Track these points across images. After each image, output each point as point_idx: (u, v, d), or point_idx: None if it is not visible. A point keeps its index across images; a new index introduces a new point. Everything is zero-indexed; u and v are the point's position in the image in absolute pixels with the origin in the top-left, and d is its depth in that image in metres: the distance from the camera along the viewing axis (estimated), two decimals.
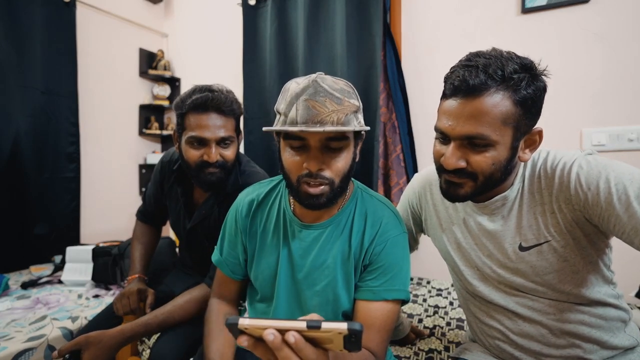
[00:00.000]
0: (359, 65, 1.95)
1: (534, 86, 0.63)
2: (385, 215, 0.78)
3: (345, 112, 0.66)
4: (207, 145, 0.99)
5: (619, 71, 1.49)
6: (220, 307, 0.88)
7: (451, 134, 0.66)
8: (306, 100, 0.64)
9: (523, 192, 0.72)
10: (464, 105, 0.63)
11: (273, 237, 0.83)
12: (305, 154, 0.67)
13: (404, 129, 1.88)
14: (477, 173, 0.66)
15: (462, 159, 0.66)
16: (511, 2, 1.68)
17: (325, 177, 0.68)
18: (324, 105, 0.64)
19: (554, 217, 0.68)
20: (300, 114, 0.64)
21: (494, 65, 0.62)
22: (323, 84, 0.66)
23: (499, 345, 0.80)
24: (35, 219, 1.99)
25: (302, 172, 0.68)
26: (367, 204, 0.80)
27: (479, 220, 0.77)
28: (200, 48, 2.64)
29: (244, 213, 0.85)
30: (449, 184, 0.71)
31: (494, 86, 0.61)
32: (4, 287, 1.53)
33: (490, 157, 0.64)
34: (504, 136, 0.63)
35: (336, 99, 0.65)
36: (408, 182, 1.88)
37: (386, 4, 1.87)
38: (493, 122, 0.62)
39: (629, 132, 1.48)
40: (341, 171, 0.69)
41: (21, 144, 1.92)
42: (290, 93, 0.67)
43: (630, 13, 1.47)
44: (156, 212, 1.30)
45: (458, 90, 0.64)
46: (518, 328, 0.76)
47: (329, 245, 0.77)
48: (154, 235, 1.35)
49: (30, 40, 1.95)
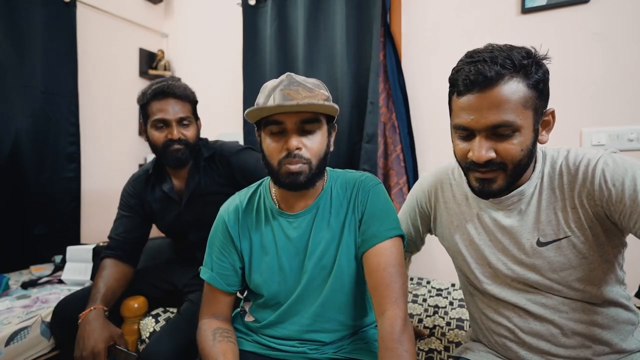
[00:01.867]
0: (359, 65, 1.95)
1: (542, 69, 0.66)
2: (358, 175, 0.88)
3: (317, 98, 0.75)
4: (169, 126, 1.17)
5: (619, 71, 1.49)
6: (212, 324, 0.85)
7: (475, 126, 0.67)
8: (282, 90, 0.74)
9: (542, 188, 0.72)
10: (482, 97, 0.65)
11: (267, 236, 0.86)
12: (284, 138, 0.76)
13: (404, 129, 1.88)
14: (506, 162, 0.67)
15: (490, 150, 0.67)
16: (511, 2, 1.68)
17: (302, 156, 0.76)
18: (298, 92, 0.74)
19: (575, 212, 0.69)
20: (277, 100, 0.73)
21: (501, 57, 0.64)
22: (296, 77, 0.77)
23: (505, 343, 0.79)
24: (35, 219, 1.99)
25: (282, 154, 0.76)
26: (341, 176, 0.90)
27: (494, 216, 0.77)
28: (200, 48, 2.64)
29: (232, 221, 0.88)
30: (482, 181, 0.71)
31: (508, 74, 0.64)
32: (4, 287, 1.53)
33: (518, 143, 0.66)
34: (526, 119, 0.65)
35: (308, 88, 0.75)
36: (408, 182, 1.88)
37: (386, 4, 1.87)
38: (515, 107, 0.64)
39: (629, 132, 1.48)
40: (317, 152, 0.78)
41: (21, 144, 1.92)
42: (268, 87, 0.78)
43: (630, 13, 1.47)
44: (134, 242, 1.25)
45: (474, 84, 0.65)
46: (528, 326, 0.76)
47: (324, 222, 0.83)
48: (125, 272, 1.21)
49: (30, 40, 1.95)
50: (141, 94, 1.18)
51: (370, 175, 0.88)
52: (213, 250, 0.89)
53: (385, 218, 0.81)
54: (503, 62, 0.63)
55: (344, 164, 1.99)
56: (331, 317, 0.84)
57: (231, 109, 2.47)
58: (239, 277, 0.89)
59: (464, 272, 0.87)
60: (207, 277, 0.88)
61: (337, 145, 2.01)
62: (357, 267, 0.83)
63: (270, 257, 0.85)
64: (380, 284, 0.74)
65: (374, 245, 0.78)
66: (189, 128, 1.21)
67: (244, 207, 0.89)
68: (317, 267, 0.82)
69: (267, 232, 0.86)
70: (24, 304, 1.43)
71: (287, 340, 0.86)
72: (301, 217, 0.84)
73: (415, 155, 1.89)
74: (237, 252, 0.87)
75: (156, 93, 1.15)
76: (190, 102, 1.22)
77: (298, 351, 0.84)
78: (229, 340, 0.81)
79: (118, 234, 1.25)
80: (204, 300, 0.90)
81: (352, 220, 0.82)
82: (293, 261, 0.84)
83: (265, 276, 0.85)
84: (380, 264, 0.76)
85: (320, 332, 0.84)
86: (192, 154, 1.22)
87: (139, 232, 1.28)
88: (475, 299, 0.86)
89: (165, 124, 1.17)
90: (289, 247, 0.84)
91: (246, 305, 0.97)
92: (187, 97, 1.20)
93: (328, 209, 0.84)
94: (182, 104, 1.18)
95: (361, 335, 0.89)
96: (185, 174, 1.26)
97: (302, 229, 0.84)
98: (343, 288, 0.83)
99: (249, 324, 0.92)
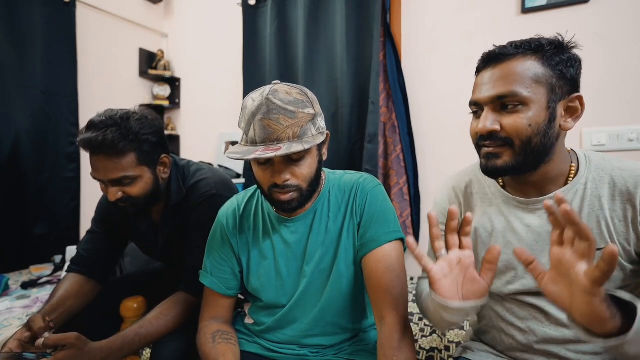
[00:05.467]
0: (358, 65, 1.95)
1: (566, 54, 0.64)
2: (356, 177, 0.85)
3: (300, 124, 0.69)
4: (106, 185, 0.95)
5: (619, 71, 1.49)
6: (212, 327, 0.84)
7: (482, 99, 0.67)
8: (261, 120, 0.68)
9: (585, 195, 0.68)
10: (493, 71, 0.66)
11: (265, 240, 0.85)
12: (271, 168, 0.72)
13: (404, 129, 1.88)
14: (512, 137, 0.65)
15: (495, 122, 0.66)
16: (511, 2, 1.68)
17: (292, 186, 0.73)
18: (278, 122, 0.68)
19: (624, 225, 0.65)
20: (257, 134, 0.68)
21: (522, 41, 0.65)
22: (275, 100, 0.68)
23: (512, 345, 0.76)
24: (35, 219, 1.99)
25: (271, 183, 0.73)
26: (340, 178, 0.87)
27: (525, 220, 0.73)
28: (200, 48, 2.64)
29: (230, 225, 0.87)
30: (487, 156, 0.69)
31: (523, 52, 0.64)
32: (4, 287, 1.53)
33: (526, 117, 0.63)
34: (537, 94, 0.63)
35: (290, 112, 0.68)
36: (408, 182, 1.88)
37: (386, 4, 1.87)
38: (523, 79, 0.63)
39: (629, 132, 1.48)
40: (307, 177, 0.74)
41: (21, 144, 1.92)
42: (247, 112, 0.71)
43: (630, 13, 1.47)
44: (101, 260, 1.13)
45: (489, 59, 0.66)
46: (542, 330, 0.72)
47: (322, 227, 0.82)
48: (84, 289, 1.08)
49: (30, 40, 1.95)
50: (79, 135, 0.93)
51: (369, 177, 0.86)
52: (212, 254, 0.88)
53: (384, 221, 0.78)
54: (522, 43, 0.64)
55: (344, 163, 1.99)
56: (331, 322, 0.83)
57: (231, 109, 2.47)
58: (238, 281, 0.88)
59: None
60: (207, 282, 0.87)
61: (337, 145, 2.01)
62: (356, 271, 0.81)
63: (268, 262, 0.84)
64: (379, 289, 0.73)
65: (373, 250, 0.76)
66: (133, 185, 0.95)
67: (241, 211, 0.88)
68: (316, 272, 0.81)
69: (265, 237, 0.85)
70: (24, 304, 1.43)
71: (287, 344, 0.85)
72: (299, 221, 0.82)
73: (415, 155, 1.89)
74: (235, 256, 0.87)
75: (84, 146, 0.91)
76: (134, 151, 0.93)
77: (299, 354, 0.84)
78: (229, 342, 0.80)
79: (86, 249, 1.12)
80: (204, 304, 0.89)
81: (351, 224, 0.80)
82: (291, 266, 0.83)
83: (263, 281, 0.84)
84: (379, 269, 0.74)
85: (320, 336, 0.84)
86: (148, 202, 1.01)
87: (109, 253, 1.15)
88: (489, 299, 0.81)
89: (102, 181, 0.94)
90: (286, 252, 0.83)
91: (246, 307, 0.97)
92: (124, 150, 0.91)
93: (326, 212, 0.82)
94: (115, 162, 0.90)
95: (362, 337, 0.89)
96: (160, 208, 1.09)
97: (299, 234, 0.82)
98: (342, 292, 0.81)
99: (249, 326, 0.92)
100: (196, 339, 0.84)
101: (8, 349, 0.84)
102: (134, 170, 0.94)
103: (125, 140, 0.91)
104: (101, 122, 0.91)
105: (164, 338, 0.96)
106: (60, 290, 1.03)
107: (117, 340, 0.85)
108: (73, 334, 0.80)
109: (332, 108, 2.04)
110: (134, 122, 0.93)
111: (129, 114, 0.95)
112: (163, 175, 1.04)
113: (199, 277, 0.89)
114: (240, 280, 0.88)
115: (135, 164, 0.95)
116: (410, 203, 1.88)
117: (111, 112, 0.94)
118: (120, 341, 0.86)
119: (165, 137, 1.05)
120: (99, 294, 1.13)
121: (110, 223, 1.13)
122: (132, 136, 0.92)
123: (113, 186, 0.94)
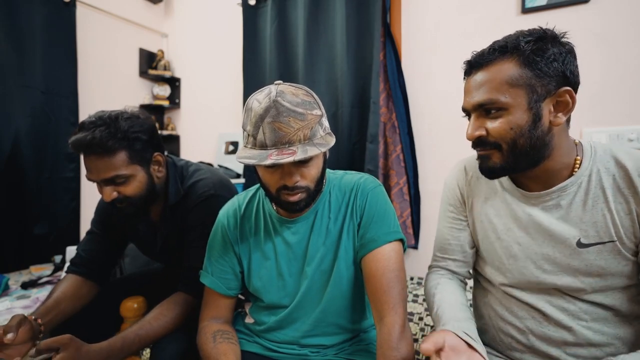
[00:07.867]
0: (358, 65, 1.95)
1: (550, 50, 0.63)
2: (357, 178, 0.85)
3: (310, 126, 0.69)
4: (100, 185, 0.95)
5: (619, 71, 1.50)
6: (212, 327, 0.84)
7: (467, 107, 0.70)
8: (271, 123, 0.67)
9: (589, 186, 0.68)
10: (475, 77, 0.68)
11: (266, 241, 0.85)
12: (280, 170, 0.72)
13: (404, 129, 1.88)
14: (498, 141, 0.67)
15: (480, 128, 0.68)
16: (511, 2, 1.68)
17: (301, 187, 0.73)
18: (289, 125, 0.67)
19: (630, 219, 0.65)
20: (268, 137, 0.67)
21: (502, 41, 0.66)
22: (284, 102, 0.67)
23: (511, 344, 0.77)
24: (35, 219, 1.99)
25: (280, 185, 0.73)
26: (340, 179, 0.87)
27: (528, 211, 0.73)
28: (200, 48, 2.64)
29: (231, 225, 0.87)
30: (481, 158, 0.72)
31: (499, 56, 0.65)
32: (4, 287, 1.53)
33: (506, 121, 0.65)
34: (515, 98, 0.64)
35: (299, 115, 0.68)
36: (408, 182, 1.88)
37: (386, 4, 1.87)
38: (499, 85, 0.64)
39: (629, 132, 1.48)
40: (314, 176, 0.75)
41: (21, 144, 1.92)
42: (254, 114, 0.69)
43: (630, 13, 1.47)
44: (101, 261, 1.13)
45: (470, 66, 0.69)
46: (540, 330, 0.72)
47: (322, 227, 0.82)
48: (82, 291, 1.07)
49: (30, 40, 1.95)
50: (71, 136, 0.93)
51: (369, 177, 0.86)
52: (212, 254, 0.88)
53: (384, 222, 0.79)
54: (499, 46, 0.65)
55: (344, 163, 1.99)
56: (331, 322, 0.83)
57: (231, 109, 2.47)
58: (239, 281, 0.88)
59: (481, 266, 0.84)
60: (208, 281, 0.87)
61: (338, 145, 2.01)
62: (356, 272, 0.82)
63: (269, 263, 0.84)
64: (378, 289, 0.73)
65: (372, 250, 0.76)
66: (126, 184, 0.95)
67: (242, 212, 0.88)
68: (317, 272, 0.81)
69: (266, 238, 0.85)
70: (24, 304, 1.43)
71: (287, 344, 0.85)
72: (300, 222, 0.82)
73: (415, 155, 1.89)
74: (236, 256, 0.87)
75: (75, 148, 0.91)
76: (125, 149, 0.93)
77: (299, 354, 0.84)
78: (229, 341, 0.80)
79: (85, 250, 1.11)
80: (204, 304, 0.89)
81: (351, 224, 0.81)
82: (292, 267, 0.83)
83: (265, 281, 0.84)
84: (379, 269, 0.75)
85: (321, 335, 0.84)
86: (145, 202, 1.01)
87: (108, 254, 1.15)
88: (488, 294, 0.83)
89: (96, 182, 0.95)
90: (288, 253, 0.83)
91: (246, 306, 0.97)
92: (114, 148, 0.91)
93: (327, 213, 0.83)
94: (106, 161, 0.90)
95: (362, 337, 0.89)
96: (158, 209, 1.08)
97: (300, 235, 0.82)
98: (343, 293, 0.82)
99: (249, 325, 0.92)
100: (196, 339, 0.84)
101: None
102: (126, 169, 0.94)
103: (114, 138, 0.90)
104: (91, 122, 0.91)
105: (164, 338, 0.96)
106: (56, 292, 1.03)
107: (118, 342, 0.85)
108: (66, 335, 0.79)
109: (332, 108, 2.04)
110: (123, 121, 0.93)
111: (119, 114, 0.95)
112: (158, 174, 1.03)
113: (198, 277, 0.89)
114: (240, 281, 0.88)
115: (126, 163, 0.94)
116: (410, 203, 1.88)
117: (101, 113, 0.94)
118: (120, 342, 0.86)
119: (159, 136, 1.04)
120: (99, 294, 1.12)
121: (109, 224, 1.12)
122: (120, 134, 0.91)
123: (107, 186, 0.94)
